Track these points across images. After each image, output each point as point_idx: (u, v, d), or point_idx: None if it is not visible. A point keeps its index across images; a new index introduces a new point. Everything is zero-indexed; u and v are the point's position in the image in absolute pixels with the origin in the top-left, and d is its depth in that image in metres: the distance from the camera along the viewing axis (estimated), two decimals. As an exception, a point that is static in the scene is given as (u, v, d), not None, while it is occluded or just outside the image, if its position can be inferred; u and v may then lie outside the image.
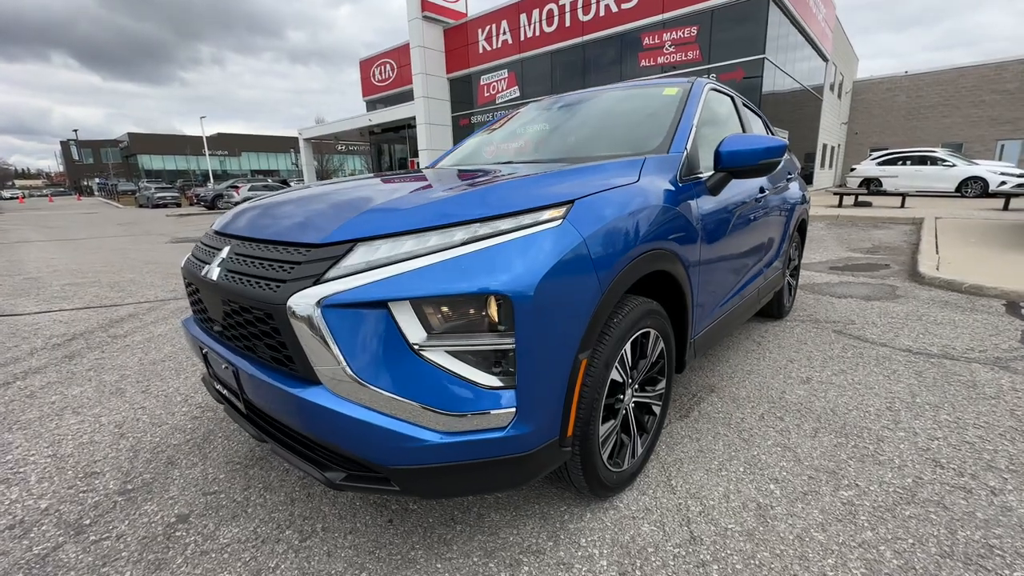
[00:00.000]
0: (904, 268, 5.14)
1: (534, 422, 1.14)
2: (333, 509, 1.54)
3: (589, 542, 1.39)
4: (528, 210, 1.18)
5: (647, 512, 1.52)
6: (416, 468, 1.10)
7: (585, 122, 2.36)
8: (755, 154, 1.84)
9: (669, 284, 1.69)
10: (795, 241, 3.51)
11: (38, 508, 1.56)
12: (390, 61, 24.20)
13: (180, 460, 1.82)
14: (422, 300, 1.06)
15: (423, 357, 1.07)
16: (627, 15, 15.39)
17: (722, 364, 2.71)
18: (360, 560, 1.33)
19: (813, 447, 1.86)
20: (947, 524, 1.44)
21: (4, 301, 4.47)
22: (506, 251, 1.10)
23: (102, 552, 1.36)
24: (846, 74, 26.02)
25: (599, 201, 1.31)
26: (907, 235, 7.57)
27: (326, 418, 1.08)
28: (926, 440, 1.89)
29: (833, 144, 25.59)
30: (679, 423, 2.07)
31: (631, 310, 1.44)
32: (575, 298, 1.17)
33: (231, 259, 1.32)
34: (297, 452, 1.24)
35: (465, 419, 1.08)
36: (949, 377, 2.46)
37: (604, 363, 1.33)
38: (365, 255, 1.10)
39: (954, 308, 3.65)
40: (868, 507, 1.52)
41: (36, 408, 2.26)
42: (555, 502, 1.57)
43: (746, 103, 2.92)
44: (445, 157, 2.78)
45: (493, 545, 1.38)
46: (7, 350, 3.07)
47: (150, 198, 27.31)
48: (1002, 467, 1.71)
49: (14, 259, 7.54)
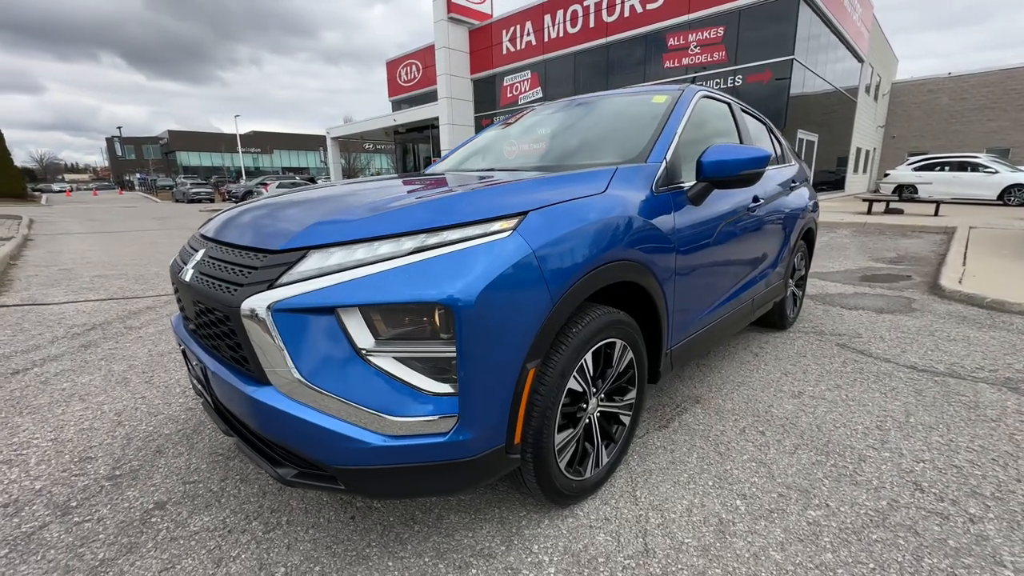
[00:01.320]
0: (926, 280, 4.94)
1: (477, 429, 1.17)
2: (300, 504, 1.60)
3: (541, 549, 1.41)
4: (478, 221, 1.21)
5: (605, 522, 1.52)
6: (361, 469, 1.14)
7: (574, 130, 2.37)
8: (736, 164, 1.81)
9: (639, 295, 1.68)
10: (800, 251, 3.42)
11: (32, 488, 1.67)
12: (416, 62, 24.52)
13: (168, 449, 1.92)
14: (369, 307, 1.10)
15: (369, 362, 1.11)
16: (652, 15, 15.19)
17: (713, 375, 2.67)
18: (316, 554, 1.38)
19: (789, 464, 1.82)
20: (915, 551, 1.39)
21: (37, 291, 4.75)
22: (451, 261, 1.13)
23: (82, 533, 1.45)
24: (884, 75, 25.03)
25: (555, 212, 1.33)
26: (936, 245, 7.25)
27: (276, 418, 1.13)
28: (911, 462, 1.83)
29: (868, 148, 24.66)
30: (657, 433, 2.06)
31: (592, 320, 1.44)
32: (521, 308, 1.19)
33: (203, 261, 1.39)
34: (255, 448, 1.30)
35: (407, 423, 1.12)
36: (950, 397, 2.37)
37: (559, 372, 1.34)
38: (318, 262, 1.14)
39: (971, 324, 3.49)
40: (834, 529, 1.48)
41: (47, 394, 2.41)
42: (515, 507, 1.59)
43: (747, 110, 2.87)
44: (442, 161, 2.83)
45: (446, 546, 1.41)
46: (31, 338, 3.27)
47: (185, 193, 28.43)
48: (987, 494, 1.64)
49: (54, 250, 7.97)
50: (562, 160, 2.11)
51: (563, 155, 2.18)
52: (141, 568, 1.32)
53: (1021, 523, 1.50)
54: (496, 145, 2.63)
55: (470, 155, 2.70)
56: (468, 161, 2.63)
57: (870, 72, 21.72)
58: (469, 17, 20.70)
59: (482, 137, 2.86)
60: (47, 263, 6.55)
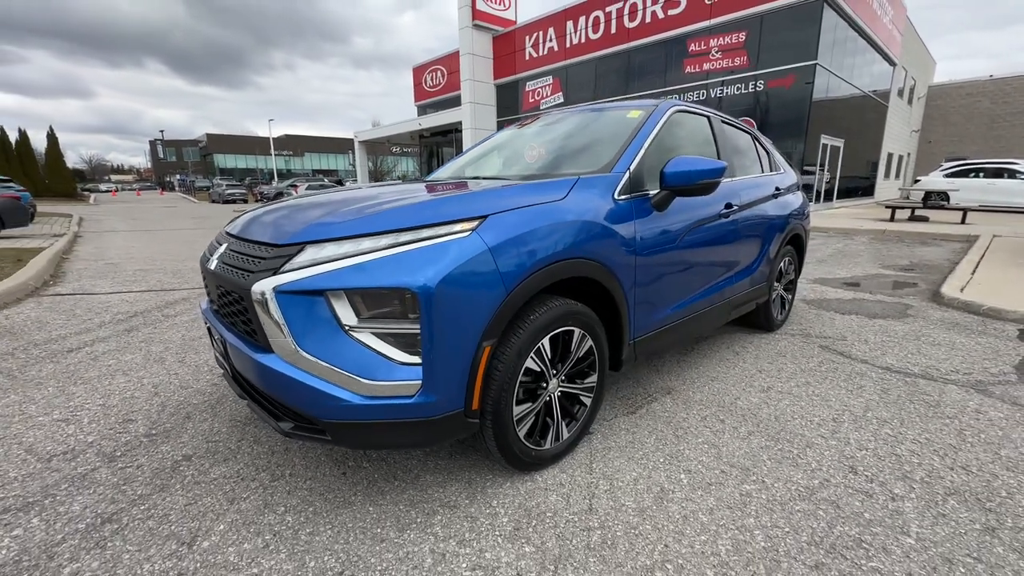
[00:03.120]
0: (931, 288, 4.94)
1: (438, 393, 1.42)
2: (302, 461, 1.88)
3: (499, 503, 1.64)
4: (444, 222, 1.46)
5: (559, 486, 1.74)
6: (343, 422, 1.40)
7: (553, 142, 2.60)
8: (693, 175, 2.01)
9: (601, 289, 1.90)
10: (788, 256, 3.55)
11: (86, 441, 2.00)
12: (441, 68, 25.09)
13: (196, 415, 2.24)
14: (352, 290, 1.37)
15: (352, 336, 1.38)
16: (674, 21, 15.23)
17: (689, 369, 2.85)
18: (311, 499, 1.65)
19: (739, 447, 2.01)
20: (830, 520, 1.57)
21: (87, 282, 5.25)
22: (419, 255, 1.39)
23: (125, 475, 1.77)
24: (919, 78, 24.26)
25: (513, 216, 1.57)
26: (954, 253, 7.14)
27: (277, 379, 1.41)
28: (854, 449, 1.99)
29: (901, 153, 23.92)
30: (624, 418, 2.27)
31: (549, 309, 1.67)
32: (477, 296, 1.43)
33: (226, 253, 1.69)
34: (263, 406, 1.58)
35: (381, 386, 1.38)
36: (914, 396, 2.49)
37: (516, 352, 1.58)
38: (312, 254, 1.42)
39: (961, 330, 3.55)
40: (763, 500, 1.67)
41: (97, 368, 2.78)
42: (484, 472, 1.83)
43: (728, 121, 3.04)
44: (442, 168, 3.10)
45: (419, 498, 1.66)
46: (83, 322, 3.69)
47: (221, 194, 29.80)
48: (916, 478, 1.79)
49: (101, 246, 8.64)
50: (541, 170, 2.35)
51: (543, 166, 2.42)
52: (171, 502, 1.62)
53: (939, 503, 1.65)
54: (487, 156, 2.90)
55: (464, 164, 2.97)
56: (461, 170, 2.89)
57: (903, 75, 21.12)
58: (494, 24, 21.10)
59: (478, 148, 3.12)
60: (95, 258, 7.15)
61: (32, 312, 3.98)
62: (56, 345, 3.16)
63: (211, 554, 1.39)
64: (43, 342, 3.22)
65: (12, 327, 3.55)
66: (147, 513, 1.56)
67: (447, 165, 3.09)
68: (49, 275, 5.57)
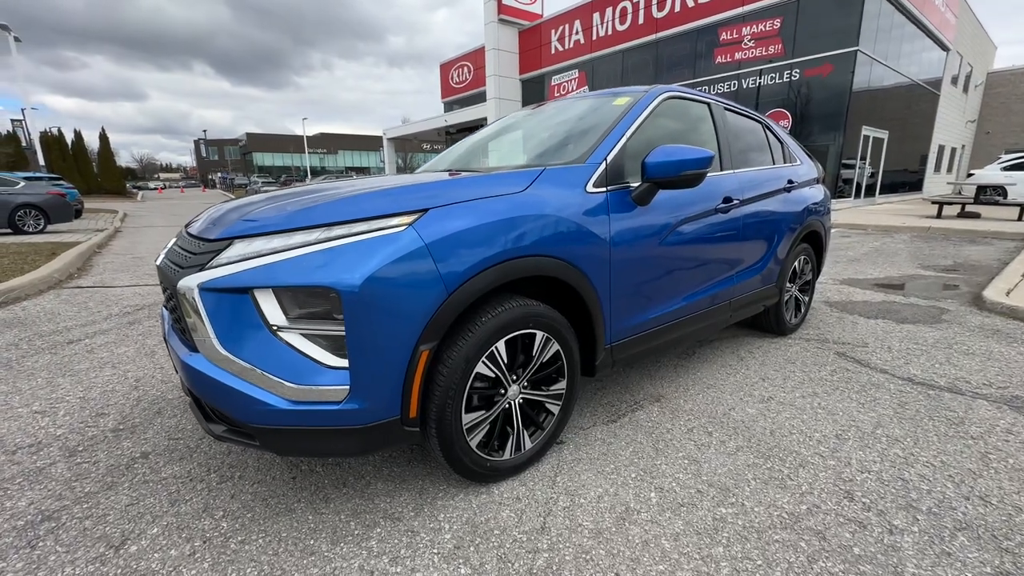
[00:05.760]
0: (973, 291, 4.51)
1: (368, 400, 1.32)
2: (255, 463, 1.82)
3: (446, 517, 1.53)
4: (380, 216, 1.36)
5: (515, 501, 1.62)
6: (271, 428, 1.32)
7: (536, 133, 2.46)
8: (677, 165, 1.84)
9: (569, 289, 1.76)
10: (803, 254, 3.29)
11: (54, 435, 2.01)
12: (467, 64, 25.07)
13: (167, 411, 2.23)
14: (277, 288, 1.28)
15: (278, 336, 1.29)
16: (704, 9, 14.65)
17: (685, 375, 2.66)
18: (253, 504, 1.59)
19: (722, 464, 1.83)
20: (811, 554, 1.38)
21: (108, 275, 5.45)
22: (347, 251, 1.29)
23: (79, 471, 1.76)
24: (976, 65, 22.55)
25: (459, 210, 1.45)
26: (1005, 253, 6.55)
27: (202, 380, 1.34)
28: (855, 472, 1.78)
29: (955, 145, 22.33)
30: (603, 427, 2.12)
31: (505, 311, 1.55)
32: (412, 296, 1.32)
33: (171, 249, 1.64)
34: (199, 407, 1.52)
35: (307, 391, 1.29)
36: (936, 411, 2.23)
37: (464, 357, 1.46)
38: (240, 249, 1.34)
39: (1001, 338, 3.20)
40: (738, 526, 1.50)
41: (89, 360, 2.83)
42: (439, 482, 1.72)
43: (733, 108, 2.81)
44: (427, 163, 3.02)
45: (363, 508, 1.58)
46: (91, 314, 3.81)
47: (257, 191, 30.84)
48: (923, 509, 1.58)
49: (135, 241, 9.02)
50: (519, 162, 2.21)
51: (531, 158, 2.28)
52: (113, 501, 1.59)
53: (946, 539, 1.44)
54: (473, 147, 2.78)
55: (450, 157, 2.86)
56: (440, 163, 2.79)
57: (958, 61, 19.67)
58: (519, 18, 20.91)
59: (468, 139, 3.01)
60: (125, 252, 7.45)
61: (48, 304, 4.14)
62: (59, 336, 3.26)
63: (135, 560, 1.34)
64: (48, 333, 3.32)
65: (26, 318, 3.69)
66: (87, 512, 1.54)
67: (438, 157, 2.99)
68: (76, 268, 5.82)
